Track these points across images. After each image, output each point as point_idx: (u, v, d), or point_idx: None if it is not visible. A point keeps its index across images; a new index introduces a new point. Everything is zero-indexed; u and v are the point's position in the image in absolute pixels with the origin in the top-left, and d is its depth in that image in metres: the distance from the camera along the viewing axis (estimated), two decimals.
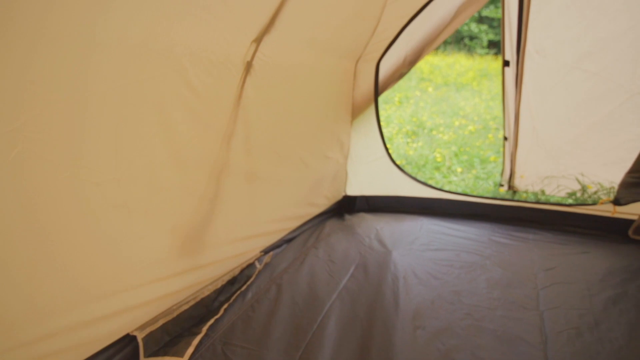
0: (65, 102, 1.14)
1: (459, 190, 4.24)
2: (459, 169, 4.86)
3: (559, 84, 3.27)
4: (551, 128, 3.50)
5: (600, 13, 2.88)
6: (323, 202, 3.12)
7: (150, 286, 1.64)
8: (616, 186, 2.84)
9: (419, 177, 4.78)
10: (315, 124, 2.72)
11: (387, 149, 3.26)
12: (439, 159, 5.18)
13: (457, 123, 6.70)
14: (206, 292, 1.95)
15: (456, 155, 5.36)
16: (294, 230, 2.79)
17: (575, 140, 3.41)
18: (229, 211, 2.05)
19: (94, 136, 1.26)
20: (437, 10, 2.72)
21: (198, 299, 1.89)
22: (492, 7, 12.09)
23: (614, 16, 2.84)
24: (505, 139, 3.86)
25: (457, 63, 10.75)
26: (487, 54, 12.09)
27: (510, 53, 3.36)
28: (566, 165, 3.50)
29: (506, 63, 3.43)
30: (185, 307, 1.82)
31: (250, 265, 2.30)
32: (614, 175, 3.17)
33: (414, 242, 2.76)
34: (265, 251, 2.47)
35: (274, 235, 2.57)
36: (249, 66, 1.76)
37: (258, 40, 1.72)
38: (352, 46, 2.69)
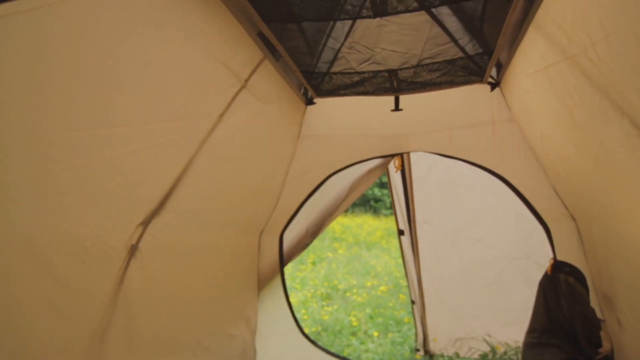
0: None
1: (377, 359, 4.03)
2: (376, 333, 4.72)
3: (450, 249, 3.55)
4: (452, 290, 3.64)
5: (470, 190, 3.36)
6: None
7: None
8: (521, 345, 2.87)
9: (335, 345, 4.50)
10: (216, 301, 2.53)
11: (296, 321, 3.09)
12: (354, 323, 5.03)
13: (369, 283, 6.78)
14: None
15: (371, 318, 5.27)
16: None
17: (475, 301, 3.55)
18: None
19: None
20: (333, 186, 2.95)
21: None
22: None
23: (482, 194, 3.31)
24: (413, 302, 3.91)
25: (366, 223, 11.47)
26: (392, 214, 13.14)
27: (402, 223, 3.66)
28: (472, 327, 3.56)
29: (401, 232, 3.69)
30: None
31: None
32: (516, 335, 3.24)
33: None
34: None
35: None
36: (133, 249, 1.64)
37: (145, 222, 1.65)
38: (254, 220, 2.73)
